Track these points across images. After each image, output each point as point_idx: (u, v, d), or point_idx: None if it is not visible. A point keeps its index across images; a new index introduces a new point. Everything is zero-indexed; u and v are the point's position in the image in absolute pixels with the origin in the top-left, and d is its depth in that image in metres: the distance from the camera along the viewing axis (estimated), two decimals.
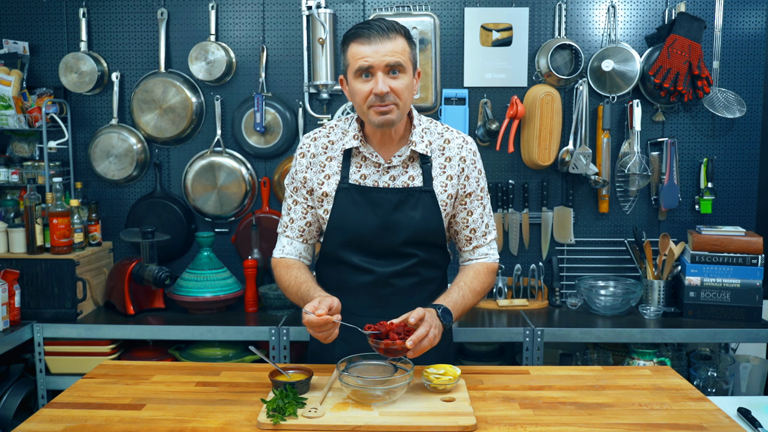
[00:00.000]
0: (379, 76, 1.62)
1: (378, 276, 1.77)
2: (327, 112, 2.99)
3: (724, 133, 2.99)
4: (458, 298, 1.74)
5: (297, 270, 1.81)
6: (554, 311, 2.86)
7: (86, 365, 2.63)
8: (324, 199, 1.78)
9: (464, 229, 1.83)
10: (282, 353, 2.60)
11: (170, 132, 2.97)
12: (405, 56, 1.64)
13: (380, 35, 1.61)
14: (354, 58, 1.64)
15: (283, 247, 1.86)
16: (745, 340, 2.64)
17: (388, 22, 1.65)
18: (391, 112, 1.65)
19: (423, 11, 2.91)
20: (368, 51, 1.61)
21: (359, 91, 1.66)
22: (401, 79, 1.64)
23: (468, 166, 1.79)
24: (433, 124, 1.82)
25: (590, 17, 2.95)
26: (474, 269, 1.83)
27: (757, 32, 2.94)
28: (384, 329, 1.57)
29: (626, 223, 3.02)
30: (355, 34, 1.65)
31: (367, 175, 1.76)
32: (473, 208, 1.82)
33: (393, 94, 1.64)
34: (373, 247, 1.77)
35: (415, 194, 1.75)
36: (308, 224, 1.84)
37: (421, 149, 1.75)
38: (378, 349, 1.56)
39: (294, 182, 1.83)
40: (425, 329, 1.56)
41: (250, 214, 3.01)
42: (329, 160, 1.79)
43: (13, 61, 2.94)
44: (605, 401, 1.59)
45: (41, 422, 1.47)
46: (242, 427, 1.45)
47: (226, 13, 2.98)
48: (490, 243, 1.86)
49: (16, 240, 2.73)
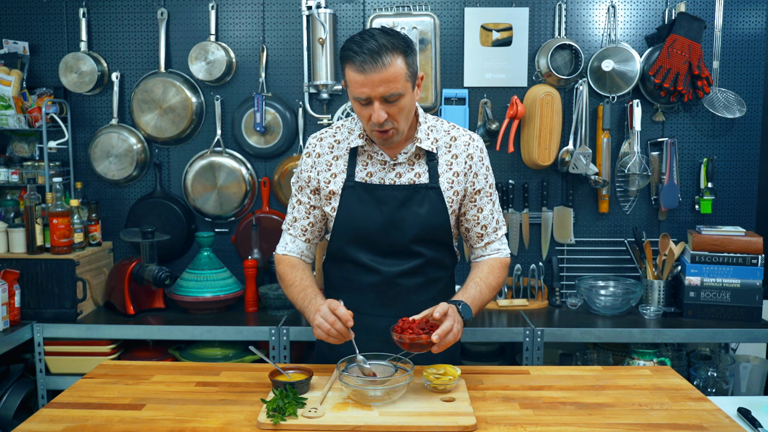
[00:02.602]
0: (375, 106, 1.61)
1: (384, 276, 1.78)
2: (327, 112, 2.99)
3: (724, 133, 2.99)
4: (476, 293, 1.75)
5: (302, 272, 1.83)
6: (554, 311, 2.86)
7: (86, 365, 2.63)
8: (331, 197, 1.79)
9: (475, 227, 1.84)
10: (282, 353, 2.60)
11: (170, 132, 2.97)
12: (401, 81, 1.60)
13: (373, 63, 1.55)
14: (351, 83, 1.62)
15: (286, 244, 1.87)
16: (745, 340, 2.64)
17: (380, 41, 1.57)
18: (391, 136, 1.68)
19: (423, 11, 2.91)
20: (363, 81, 1.58)
21: (360, 112, 1.67)
22: (398, 104, 1.63)
23: (476, 164, 1.80)
24: (439, 122, 1.83)
25: (590, 17, 2.95)
26: (488, 265, 1.84)
27: (757, 32, 2.93)
28: (407, 325, 1.57)
29: (626, 223, 3.02)
30: (348, 57, 1.59)
31: (373, 172, 1.77)
32: (483, 204, 1.82)
33: (391, 120, 1.64)
34: (379, 245, 1.77)
35: (421, 191, 1.75)
36: (311, 224, 1.85)
37: (427, 146, 1.76)
38: (403, 344, 1.56)
39: (299, 181, 1.85)
40: (450, 323, 1.57)
41: (250, 214, 3.01)
42: (335, 159, 1.80)
43: (13, 61, 2.94)
44: (605, 401, 1.59)
45: (41, 422, 1.47)
46: (242, 427, 1.45)
47: (226, 13, 2.98)
48: (501, 238, 1.87)
49: (16, 240, 2.73)
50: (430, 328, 1.57)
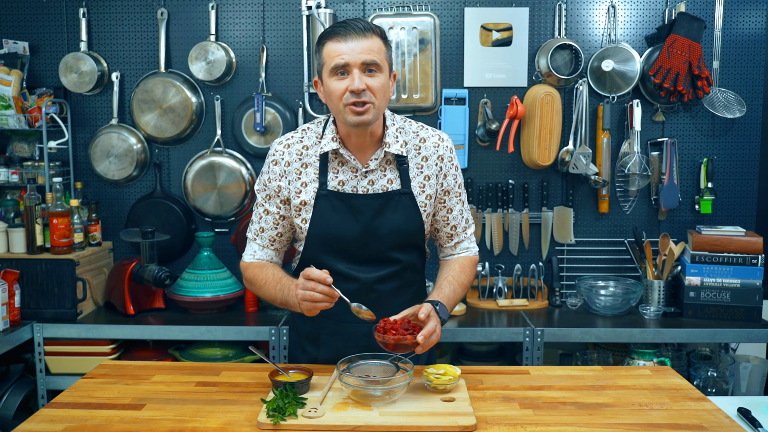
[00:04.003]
0: (355, 73, 1.61)
1: (362, 283, 1.76)
2: (327, 112, 2.98)
3: (724, 133, 2.99)
4: (450, 292, 1.75)
5: (272, 268, 1.79)
6: (554, 311, 2.86)
7: (86, 365, 2.63)
8: (302, 207, 1.75)
9: (445, 227, 1.84)
10: (282, 353, 2.60)
11: (170, 132, 2.97)
12: (381, 55, 1.64)
13: (357, 34, 1.61)
14: (330, 56, 1.63)
15: (254, 252, 1.82)
16: (745, 340, 2.64)
17: (364, 22, 1.65)
18: (367, 111, 1.63)
19: (423, 11, 2.91)
20: (345, 48, 1.60)
21: (335, 89, 1.64)
22: (377, 78, 1.63)
23: (446, 165, 1.79)
24: (408, 123, 1.80)
25: (590, 17, 2.95)
26: (459, 263, 1.84)
27: (757, 32, 2.94)
28: (389, 326, 1.57)
29: (626, 223, 3.02)
30: (331, 33, 1.64)
31: (345, 181, 1.74)
32: (452, 205, 1.82)
33: (369, 92, 1.62)
34: (356, 253, 1.75)
35: (395, 197, 1.74)
36: (279, 234, 1.81)
37: (396, 150, 1.73)
38: (387, 345, 1.56)
39: (267, 189, 1.78)
40: (434, 324, 1.58)
41: (249, 214, 3.01)
42: (305, 167, 1.75)
43: (13, 61, 2.94)
44: (605, 401, 1.59)
45: (41, 422, 1.47)
46: (242, 427, 1.45)
47: (226, 13, 2.98)
48: (470, 237, 1.88)
49: (16, 240, 2.73)
50: (412, 329, 1.57)
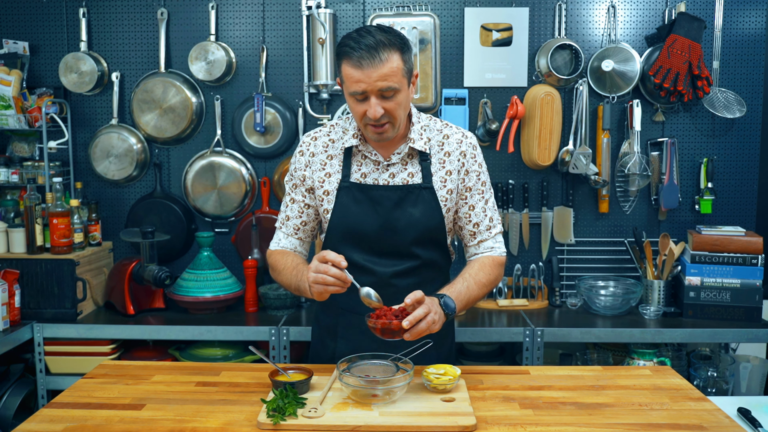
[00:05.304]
0: (372, 101, 1.62)
1: (379, 276, 1.78)
2: (327, 112, 2.99)
3: (724, 133, 2.99)
4: (462, 288, 1.74)
5: (293, 256, 1.84)
6: (554, 311, 2.86)
7: (86, 365, 2.63)
8: (325, 197, 1.79)
9: (467, 224, 1.84)
10: (282, 353, 2.60)
11: (170, 132, 2.97)
12: (398, 76, 1.62)
13: (370, 58, 1.58)
14: (348, 79, 1.63)
15: (279, 240, 1.89)
16: (745, 340, 2.64)
17: (377, 38, 1.59)
18: (387, 131, 1.68)
19: (423, 11, 2.91)
20: (360, 76, 1.60)
21: (355, 110, 1.67)
22: (395, 99, 1.64)
23: (468, 161, 1.80)
24: (432, 121, 1.83)
25: (590, 17, 2.95)
26: (479, 262, 1.83)
27: (757, 32, 2.93)
28: (382, 312, 1.58)
29: (626, 223, 3.02)
30: (345, 53, 1.62)
31: (367, 173, 1.78)
32: (474, 202, 1.82)
33: (387, 115, 1.65)
34: (374, 246, 1.78)
35: (415, 191, 1.76)
36: (303, 223, 1.86)
37: (420, 146, 1.76)
38: (375, 330, 1.57)
39: (293, 179, 1.85)
40: (423, 311, 1.56)
41: (250, 214, 3.01)
42: (330, 158, 1.80)
43: (13, 61, 2.94)
44: (605, 401, 1.59)
45: (41, 422, 1.47)
46: (242, 427, 1.45)
47: (226, 13, 2.98)
48: (495, 237, 1.86)
49: (16, 240, 2.73)
50: (404, 316, 1.56)
